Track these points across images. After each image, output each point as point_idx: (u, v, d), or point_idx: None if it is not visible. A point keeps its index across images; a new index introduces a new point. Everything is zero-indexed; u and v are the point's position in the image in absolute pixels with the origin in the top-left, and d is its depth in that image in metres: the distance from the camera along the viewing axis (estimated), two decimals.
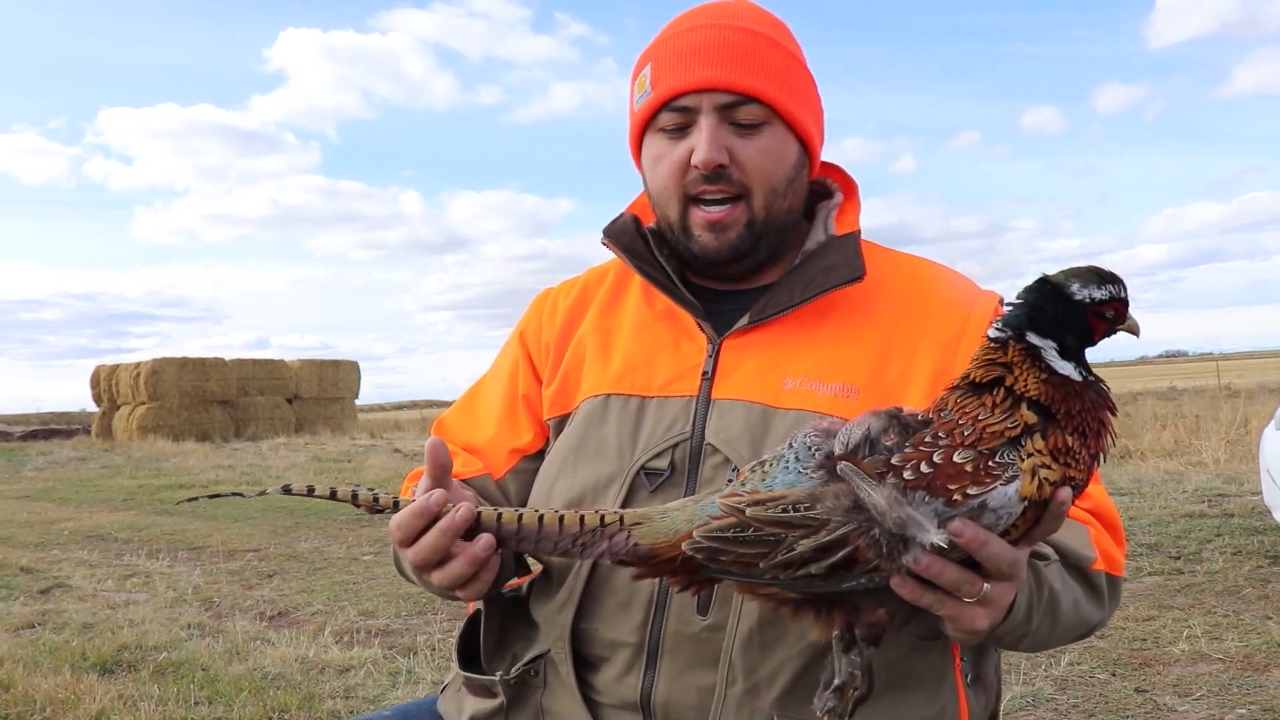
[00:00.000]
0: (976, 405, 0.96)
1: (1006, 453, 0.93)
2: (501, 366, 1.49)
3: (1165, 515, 7.35)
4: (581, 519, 1.02)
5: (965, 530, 0.90)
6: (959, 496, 0.91)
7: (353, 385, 32.94)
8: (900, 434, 0.96)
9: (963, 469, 0.92)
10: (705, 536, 0.96)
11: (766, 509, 0.95)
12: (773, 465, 1.00)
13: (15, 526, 10.15)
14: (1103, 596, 1.22)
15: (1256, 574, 5.52)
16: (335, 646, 4.91)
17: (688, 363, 1.32)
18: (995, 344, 0.98)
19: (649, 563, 1.02)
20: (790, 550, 0.93)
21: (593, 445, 1.30)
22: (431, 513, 1.06)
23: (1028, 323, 0.97)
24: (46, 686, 4.26)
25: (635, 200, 1.47)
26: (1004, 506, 0.91)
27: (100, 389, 29.49)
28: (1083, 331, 0.98)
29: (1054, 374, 0.96)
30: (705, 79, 1.28)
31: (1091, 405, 0.96)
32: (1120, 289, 0.98)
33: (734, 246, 1.31)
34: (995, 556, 0.93)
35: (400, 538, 1.09)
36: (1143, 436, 11.92)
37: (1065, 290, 0.97)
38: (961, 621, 0.98)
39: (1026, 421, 0.94)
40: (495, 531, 1.05)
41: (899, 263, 1.39)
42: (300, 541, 8.44)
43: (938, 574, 0.92)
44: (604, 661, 1.26)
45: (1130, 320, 1.00)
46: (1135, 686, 3.92)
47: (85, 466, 18.96)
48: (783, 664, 1.17)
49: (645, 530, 1.01)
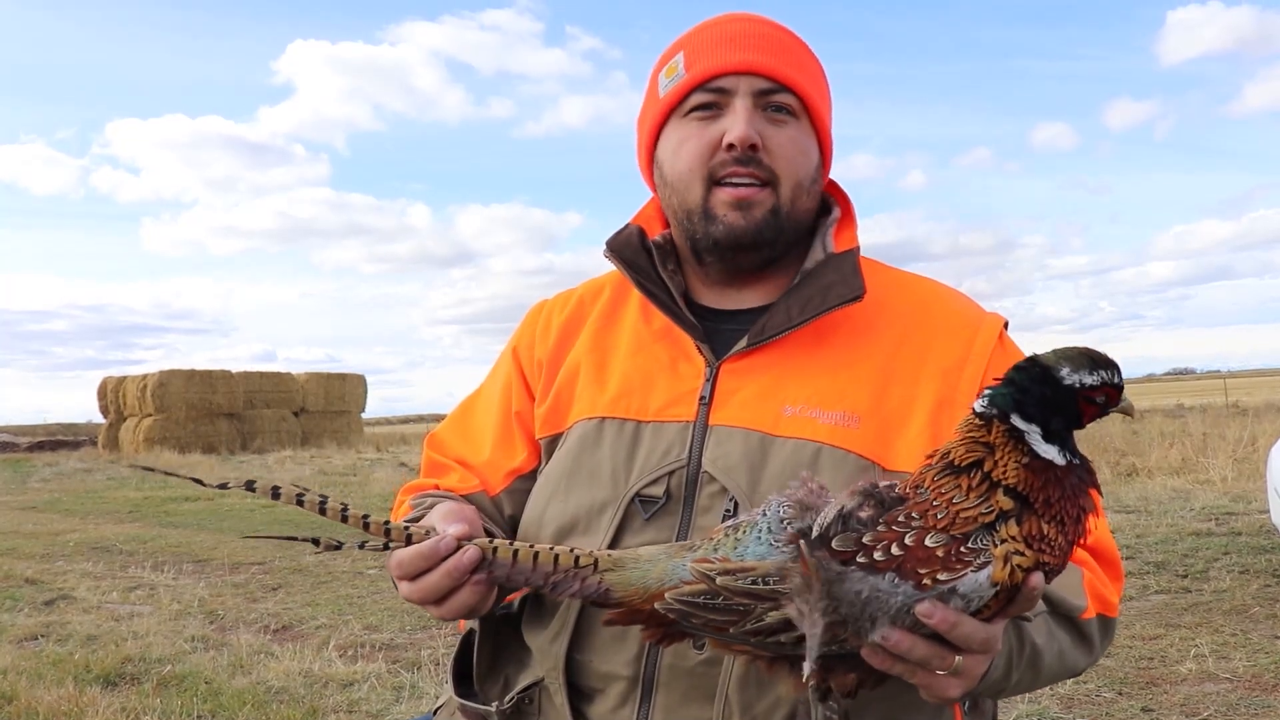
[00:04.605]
0: (953, 487, 0.94)
1: (980, 538, 0.91)
2: (495, 382, 1.47)
3: (1172, 533, 7.31)
4: (556, 558, 1.02)
5: (935, 612, 0.89)
6: (929, 581, 0.90)
7: (359, 399, 32.97)
8: (875, 509, 0.95)
9: (934, 554, 0.90)
10: (677, 599, 0.97)
11: (736, 579, 0.95)
12: (745, 532, 0.99)
13: (21, 538, 10.16)
14: (1092, 643, 1.20)
15: (1264, 593, 5.49)
16: (339, 660, 4.91)
17: (685, 386, 1.29)
18: (980, 420, 0.96)
19: (620, 611, 1.03)
20: (759, 620, 0.94)
21: (586, 470, 1.28)
22: (440, 556, 1.05)
23: (1013, 405, 0.94)
24: (50, 699, 4.26)
25: (640, 211, 1.45)
26: (974, 592, 0.90)
27: (107, 400, 29.55)
28: (1071, 415, 0.95)
29: (1036, 458, 0.94)
30: (746, 62, 1.28)
31: (1072, 492, 0.94)
32: (1113, 374, 0.95)
33: (759, 227, 1.28)
34: (966, 636, 0.92)
35: (400, 574, 1.08)
36: (1150, 454, 11.87)
37: (1055, 374, 0.95)
38: (934, 689, 0.97)
39: (1002, 507, 0.92)
40: (489, 567, 1.05)
41: (902, 282, 1.38)
42: (305, 555, 8.43)
43: (907, 650, 0.91)
44: (598, 693, 1.23)
45: (1125, 402, 0.98)
46: (1142, 706, 3.89)
47: (91, 478, 18.98)
48: (779, 700, 1.15)
49: (617, 577, 1.01)
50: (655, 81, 1.37)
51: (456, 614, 1.10)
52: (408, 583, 1.08)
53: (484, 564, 1.05)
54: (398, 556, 1.07)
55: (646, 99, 1.40)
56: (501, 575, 1.05)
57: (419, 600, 1.08)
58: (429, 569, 1.06)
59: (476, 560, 1.04)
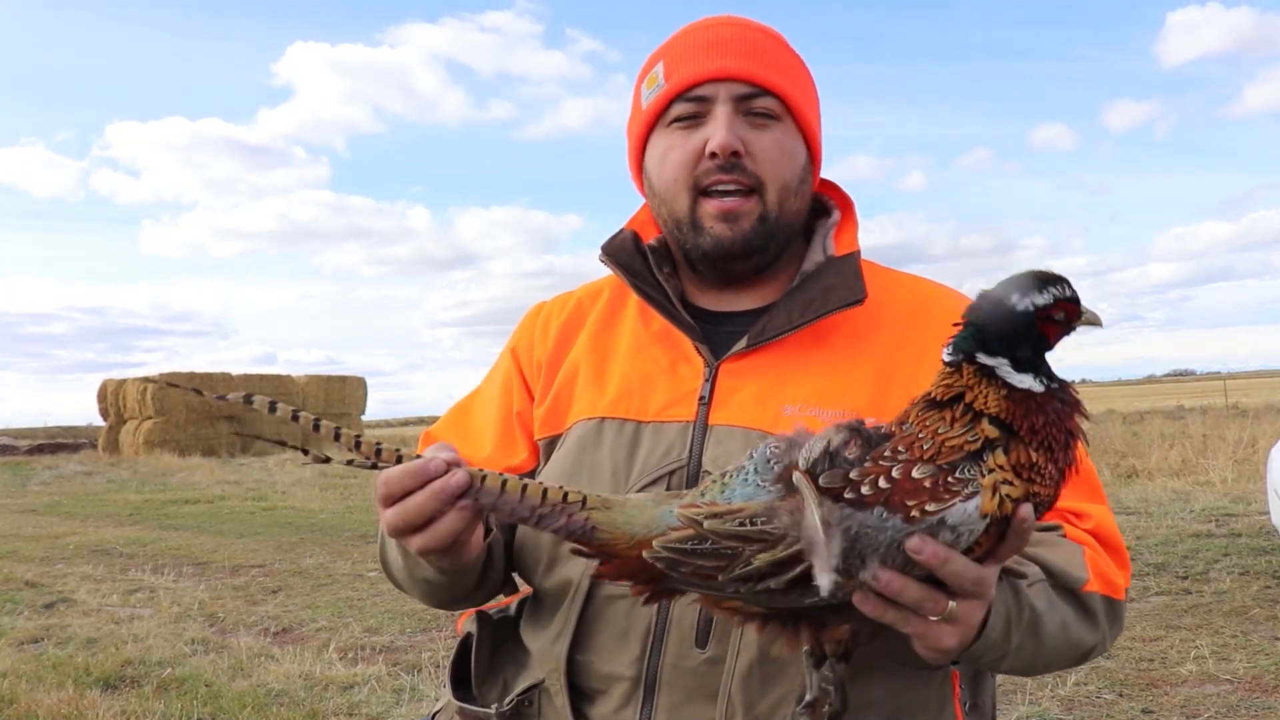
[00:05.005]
0: (937, 419, 0.94)
1: (967, 468, 0.90)
2: (494, 382, 1.47)
3: (1172, 535, 7.31)
4: (544, 492, 0.99)
5: (924, 547, 0.88)
6: (917, 513, 0.88)
7: (359, 401, 32.97)
8: (862, 447, 0.94)
9: (921, 484, 0.89)
10: (664, 547, 0.95)
11: (724, 522, 0.93)
12: (732, 477, 0.98)
13: (21, 541, 10.16)
14: (1097, 619, 1.18)
15: (1264, 594, 5.49)
16: (339, 663, 4.91)
17: (685, 387, 1.29)
18: (950, 367, 0.96)
19: (606, 556, 1.00)
20: (748, 564, 0.92)
21: (586, 470, 1.28)
22: (429, 475, 1.01)
23: (976, 344, 0.94)
24: (49, 702, 4.26)
25: (634, 216, 1.45)
26: (964, 524, 0.89)
27: (107, 403, 29.53)
28: (1035, 339, 0.94)
29: (1014, 390, 0.93)
30: (723, 68, 1.28)
31: (1057, 416, 0.93)
32: (1064, 288, 0.94)
33: (747, 238, 1.28)
34: (957, 574, 0.91)
35: (385, 493, 1.05)
36: (1150, 456, 11.87)
37: (1006, 303, 0.93)
38: (928, 639, 0.96)
39: (988, 435, 0.91)
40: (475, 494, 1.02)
41: (899, 283, 1.38)
42: (305, 558, 8.43)
43: (898, 591, 0.90)
44: (600, 694, 1.23)
45: (1088, 313, 0.96)
46: (1142, 707, 3.89)
47: (91, 481, 18.97)
48: (783, 698, 1.15)
49: (603, 517, 0.99)
50: (638, 92, 1.38)
51: (439, 543, 1.05)
52: (392, 507, 1.05)
53: (471, 490, 1.01)
54: (385, 474, 1.04)
55: (632, 109, 1.40)
56: (488, 504, 1.02)
57: (401, 525, 1.04)
58: (415, 489, 1.03)
59: (464, 484, 1.01)
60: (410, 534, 1.06)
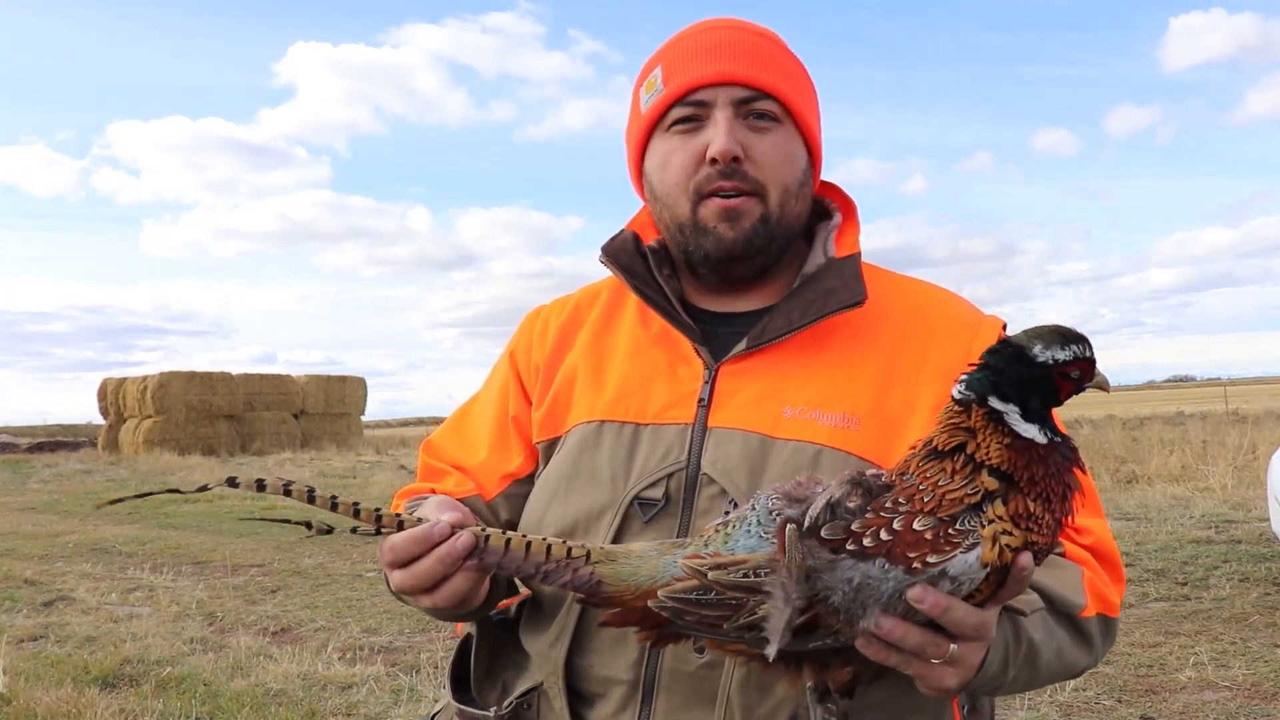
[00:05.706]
0: (938, 471, 0.95)
1: (967, 519, 0.92)
2: (492, 387, 1.47)
3: (1172, 541, 7.31)
4: (548, 548, 1.01)
5: (927, 597, 0.89)
6: (919, 565, 0.90)
7: (359, 401, 32.99)
8: (863, 498, 0.95)
9: (922, 537, 0.91)
10: (669, 597, 0.97)
11: (728, 573, 0.95)
12: (735, 527, 0.99)
13: (20, 539, 10.16)
14: (1092, 642, 1.19)
15: (1264, 601, 5.49)
16: (338, 663, 4.91)
17: (684, 389, 1.29)
18: (959, 406, 0.97)
19: (612, 607, 1.02)
20: (752, 614, 0.94)
21: (585, 473, 1.27)
22: (433, 541, 1.04)
23: (990, 387, 0.95)
24: (48, 700, 4.26)
25: (634, 217, 1.45)
26: (964, 574, 0.91)
27: (107, 402, 29.55)
28: (1047, 393, 0.96)
29: (1017, 438, 0.94)
30: (722, 72, 1.28)
31: (1056, 469, 0.95)
32: (1085, 348, 0.97)
33: (749, 238, 1.28)
34: (959, 621, 0.92)
35: (392, 559, 1.07)
36: (1150, 462, 11.87)
37: (1028, 353, 0.96)
38: (930, 680, 0.97)
39: (987, 488, 0.93)
40: (480, 554, 1.04)
41: (900, 286, 1.38)
42: (304, 557, 8.43)
43: (900, 638, 0.91)
44: (599, 698, 1.23)
45: (1100, 376, 0.99)
46: (1141, 714, 3.89)
47: (91, 479, 18.97)
48: (781, 703, 1.15)
49: (609, 570, 1.01)
50: (637, 96, 1.37)
51: (447, 602, 1.08)
52: (400, 570, 1.07)
53: (476, 551, 1.03)
54: (391, 541, 1.06)
55: (630, 113, 1.40)
56: (493, 563, 1.04)
57: (410, 587, 1.07)
58: (421, 554, 1.05)
59: (470, 546, 1.03)
60: (419, 595, 1.08)
